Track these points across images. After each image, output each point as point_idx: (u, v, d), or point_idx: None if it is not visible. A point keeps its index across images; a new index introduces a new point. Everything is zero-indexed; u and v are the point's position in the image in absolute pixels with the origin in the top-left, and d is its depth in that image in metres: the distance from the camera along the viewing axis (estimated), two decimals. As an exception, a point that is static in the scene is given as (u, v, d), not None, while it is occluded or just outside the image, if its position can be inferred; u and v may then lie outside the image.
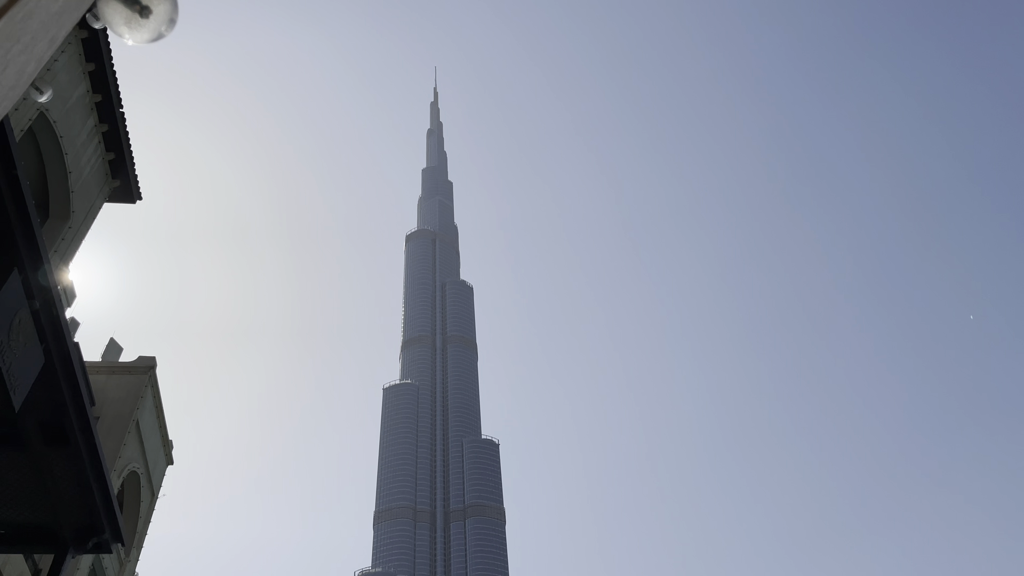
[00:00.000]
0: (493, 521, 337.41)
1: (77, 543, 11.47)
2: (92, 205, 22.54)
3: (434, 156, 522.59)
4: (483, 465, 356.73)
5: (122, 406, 27.48)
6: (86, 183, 22.02)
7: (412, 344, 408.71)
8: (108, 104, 22.07)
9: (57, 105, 19.81)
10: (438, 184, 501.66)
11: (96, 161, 22.43)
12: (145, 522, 30.06)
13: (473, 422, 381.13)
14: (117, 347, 29.75)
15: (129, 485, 28.95)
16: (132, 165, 23.78)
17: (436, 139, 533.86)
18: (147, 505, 30.04)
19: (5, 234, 8.07)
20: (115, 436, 26.68)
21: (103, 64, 21.27)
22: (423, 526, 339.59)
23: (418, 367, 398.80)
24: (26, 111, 18.29)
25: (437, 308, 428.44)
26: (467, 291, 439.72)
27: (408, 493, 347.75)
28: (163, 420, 30.45)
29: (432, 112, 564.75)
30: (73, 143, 20.92)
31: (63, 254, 21.23)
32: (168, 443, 31.48)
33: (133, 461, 27.91)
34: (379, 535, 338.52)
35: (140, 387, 28.12)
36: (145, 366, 28.77)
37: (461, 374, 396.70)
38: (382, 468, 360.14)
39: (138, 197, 24.40)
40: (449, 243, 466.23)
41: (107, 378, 28.22)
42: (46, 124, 19.71)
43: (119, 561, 28.12)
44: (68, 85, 20.31)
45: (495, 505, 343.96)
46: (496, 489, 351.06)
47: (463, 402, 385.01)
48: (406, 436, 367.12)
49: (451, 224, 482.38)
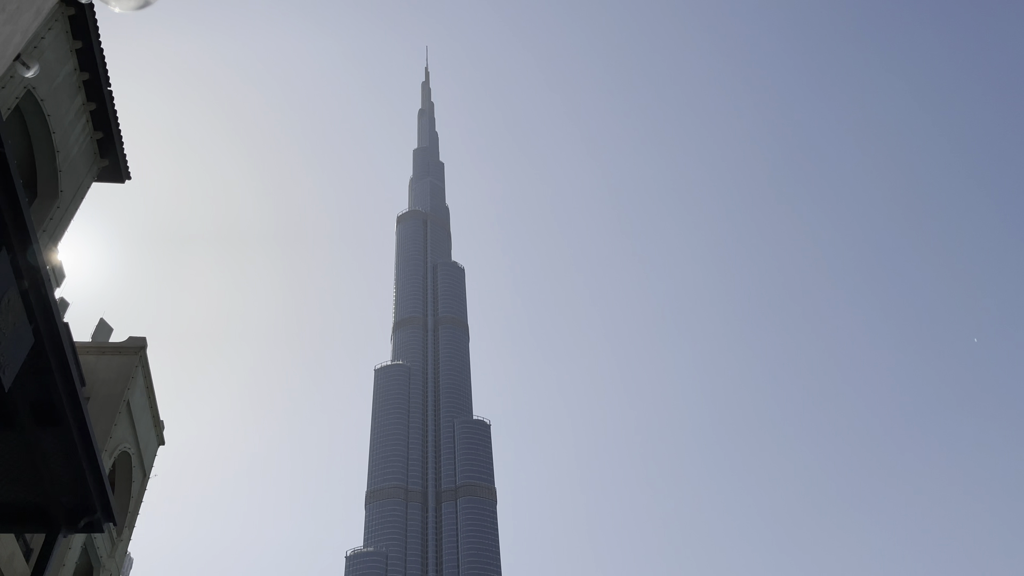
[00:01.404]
0: (484, 501, 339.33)
1: (69, 522, 11.48)
2: (81, 184, 22.37)
3: (425, 137, 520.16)
4: (474, 445, 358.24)
5: (113, 386, 27.43)
6: (74, 162, 21.84)
7: (403, 325, 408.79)
8: (96, 82, 21.85)
9: (44, 83, 19.60)
10: (429, 165, 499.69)
11: (84, 140, 22.24)
12: (137, 502, 30.09)
13: (464, 403, 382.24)
14: (107, 327, 29.65)
15: (121, 465, 28.95)
16: (121, 144, 23.58)
17: (427, 119, 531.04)
18: (139, 485, 30.06)
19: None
20: (106, 416, 26.64)
21: (90, 42, 21.04)
22: (415, 506, 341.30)
23: (409, 348, 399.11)
24: (13, 89, 18.10)
25: (428, 289, 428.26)
26: (458, 272, 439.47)
27: (400, 473, 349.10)
28: (154, 401, 30.41)
29: (423, 92, 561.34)
30: (61, 122, 20.73)
31: (52, 234, 21.09)
32: (159, 424, 31.46)
33: (124, 441, 27.90)
34: (371, 515, 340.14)
35: (131, 367, 28.06)
36: (135, 346, 28.69)
37: (452, 355, 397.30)
38: (374, 449, 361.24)
39: (127, 177, 24.23)
40: (440, 224, 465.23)
41: (97, 358, 28.14)
42: (33, 102, 19.51)
43: (111, 540, 28.17)
44: (55, 63, 20.09)
45: (486, 485, 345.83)
46: (487, 469, 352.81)
47: (454, 383, 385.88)
48: (398, 417, 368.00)
49: (442, 205, 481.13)
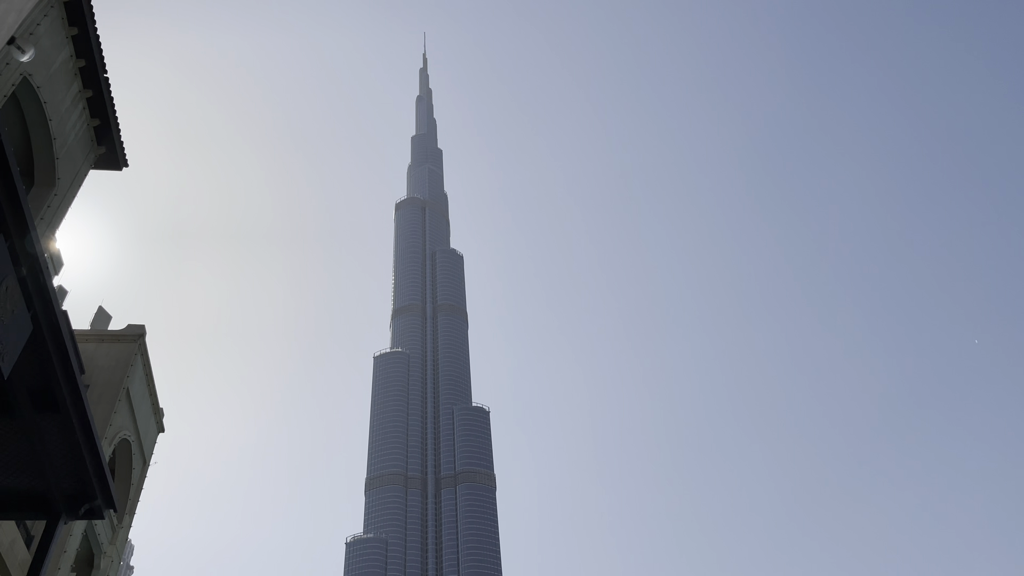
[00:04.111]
0: (484, 487, 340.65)
1: (69, 509, 11.53)
2: (78, 172, 22.32)
3: (423, 123, 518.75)
4: (474, 432, 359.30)
5: (112, 374, 27.47)
6: (71, 150, 21.78)
7: (402, 313, 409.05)
8: (92, 69, 21.76)
9: (40, 70, 19.52)
10: (428, 152, 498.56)
11: (81, 127, 22.16)
12: (137, 489, 30.19)
13: (464, 390, 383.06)
14: (106, 315, 29.65)
15: (121, 453, 29.03)
16: (118, 131, 23.51)
17: (425, 106, 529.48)
18: (139, 472, 30.15)
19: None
20: (105, 404, 26.69)
21: (86, 28, 20.94)
22: (414, 492, 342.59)
23: (408, 336, 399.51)
24: (9, 76, 18.02)
25: (427, 277, 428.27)
26: (457, 259, 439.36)
27: (399, 460, 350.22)
28: (153, 388, 30.45)
29: (421, 79, 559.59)
30: (57, 109, 20.65)
31: (49, 222, 21.06)
32: (159, 411, 31.52)
33: (124, 429, 27.96)
34: (370, 501, 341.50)
35: (130, 355, 28.09)
36: (134, 334, 28.71)
37: (451, 342, 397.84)
38: (373, 436, 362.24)
39: (124, 164, 24.17)
40: (439, 211, 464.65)
41: (96, 346, 28.17)
42: (29, 90, 19.43)
43: (112, 527, 28.29)
44: (51, 50, 20.00)
45: (486, 471, 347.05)
46: (487, 456, 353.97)
47: (454, 370, 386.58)
48: (397, 404, 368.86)
49: (441, 192, 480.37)
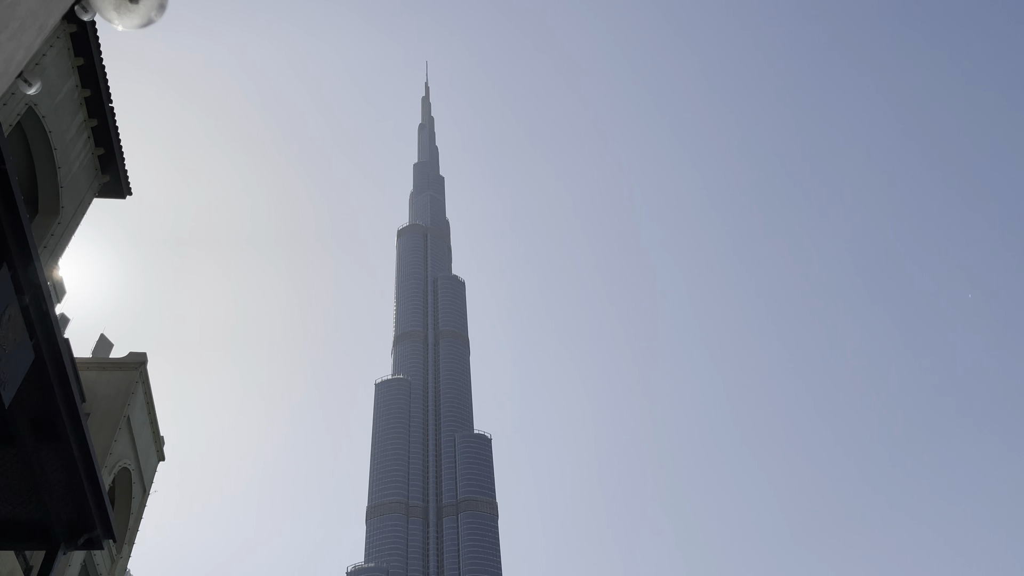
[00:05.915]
0: (486, 515, 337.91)
1: (68, 539, 11.39)
2: (82, 200, 22.38)
3: (425, 151, 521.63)
4: (475, 460, 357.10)
5: (113, 402, 27.34)
6: (75, 178, 21.86)
7: (404, 339, 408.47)
8: (97, 99, 21.90)
9: (46, 100, 19.64)
10: (430, 179, 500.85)
11: (85, 156, 22.26)
12: (137, 519, 29.94)
13: (465, 417, 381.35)
14: (108, 343, 29.59)
15: (120, 481, 28.81)
16: (122, 160, 23.61)
17: (427, 134, 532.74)
18: (139, 502, 29.91)
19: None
20: (106, 432, 26.54)
21: (92, 58, 21.10)
22: (416, 521, 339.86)
23: (410, 362, 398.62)
24: (15, 106, 18.13)
25: (429, 303, 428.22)
26: (459, 286, 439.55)
27: (400, 488, 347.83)
28: (154, 416, 30.31)
29: (423, 107, 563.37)
30: (62, 138, 20.76)
31: (52, 250, 21.08)
32: (159, 439, 31.34)
33: (124, 457, 27.78)
34: (371, 530, 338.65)
35: (131, 383, 27.98)
36: (136, 362, 28.62)
37: (453, 369, 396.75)
38: (374, 463, 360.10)
39: (128, 192, 24.24)
40: (441, 238, 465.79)
41: (98, 374, 28.06)
42: (35, 119, 19.54)
43: (111, 557, 28.00)
44: (57, 79, 20.14)
45: (487, 499, 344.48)
46: (488, 484, 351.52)
47: (455, 397, 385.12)
48: (398, 431, 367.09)
49: (443, 219, 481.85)
